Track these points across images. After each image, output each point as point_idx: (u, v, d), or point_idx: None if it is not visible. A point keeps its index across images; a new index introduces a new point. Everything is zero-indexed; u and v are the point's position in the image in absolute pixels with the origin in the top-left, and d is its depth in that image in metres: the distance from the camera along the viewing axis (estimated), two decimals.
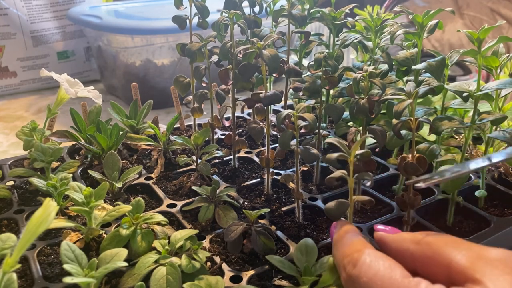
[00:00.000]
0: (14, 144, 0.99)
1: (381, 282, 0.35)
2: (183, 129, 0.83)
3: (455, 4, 1.65)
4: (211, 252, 0.50)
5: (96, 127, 0.67)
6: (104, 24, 1.12)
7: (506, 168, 0.67)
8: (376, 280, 0.35)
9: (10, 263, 0.33)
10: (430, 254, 0.37)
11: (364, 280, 0.36)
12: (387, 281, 0.34)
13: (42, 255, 0.50)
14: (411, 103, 0.47)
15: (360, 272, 0.36)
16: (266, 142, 0.59)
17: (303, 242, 0.46)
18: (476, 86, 0.54)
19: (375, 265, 0.36)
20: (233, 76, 0.60)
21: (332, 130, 0.79)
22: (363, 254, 0.37)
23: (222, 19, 0.61)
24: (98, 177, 0.60)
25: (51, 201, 0.35)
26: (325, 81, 0.58)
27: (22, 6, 1.26)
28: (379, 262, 0.36)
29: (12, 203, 0.60)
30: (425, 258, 0.37)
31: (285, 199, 0.61)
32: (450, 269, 0.35)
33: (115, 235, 0.48)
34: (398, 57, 0.61)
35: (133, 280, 0.44)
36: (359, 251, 0.38)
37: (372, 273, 0.36)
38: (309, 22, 0.71)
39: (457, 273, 0.34)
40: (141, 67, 1.13)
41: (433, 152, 0.52)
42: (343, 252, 0.40)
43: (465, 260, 0.34)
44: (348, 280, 0.38)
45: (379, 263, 0.36)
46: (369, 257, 0.37)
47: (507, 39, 0.52)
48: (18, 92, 1.30)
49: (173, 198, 0.61)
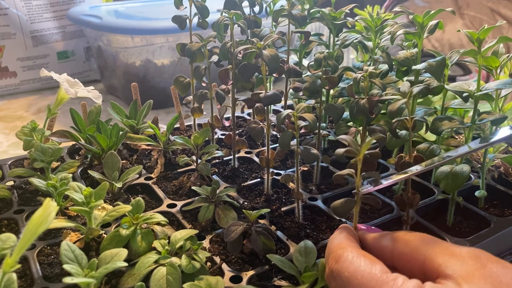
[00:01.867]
0: (14, 144, 0.99)
1: (361, 276, 0.37)
2: (183, 129, 0.83)
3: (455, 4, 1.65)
4: (211, 252, 0.50)
5: (96, 127, 0.67)
6: (104, 24, 1.12)
7: (506, 168, 0.67)
8: (356, 275, 0.37)
9: (10, 263, 0.33)
10: (407, 252, 0.39)
11: (345, 275, 0.38)
12: (366, 276, 0.36)
13: (42, 255, 0.50)
14: (406, 102, 0.47)
15: (342, 268, 0.38)
16: (266, 142, 0.59)
17: (302, 244, 0.47)
18: (476, 86, 0.54)
19: (356, 261, 0.38)
20: (233, 76, 0.60)
21: (332, 130, 0.79)
22: (346, 251, 0.39)
23: (222, 19, 0.61)
24: (98, 177, 0.60)
25: (51, 201, 0.34)
26: (325, 81, 0.58)
27: (22, 6, 1.26)
28: (360, 259, 0.38)
29: (12, 203, 0.59)
30: (402, 255, 0.39)
31: (285, 199, 0.61)
32: (425, 266, 0.37)
33: (115, 235, 0.48)
34: (398, 57, 0.61)
35: (133, 280, 0.44)
36: (343, 248, 0.40)
37: (353, 269, 0.38)
38: (309, 22, 0.71)
39: (431, 270, 0.37)
40: (141, 67, 1.13)
41: (433, 152, 0.52)
42: (329, 248, 0.42)
43: (438, 258, 0.37)
44: (330, 275, 0.40)
45: (360, 259, 0.38)
46: (351, 254, 0.39)
47: (507, 39, 0.52)
48: (18, 92, 1.30)
49: (173, 198, 0.61)
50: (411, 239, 0.40)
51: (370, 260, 0.38)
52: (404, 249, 0.39)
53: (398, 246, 0.40)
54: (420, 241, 0.39)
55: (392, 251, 0.40)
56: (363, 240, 0.44)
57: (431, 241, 0.39)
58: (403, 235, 0.41)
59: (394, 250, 0.40)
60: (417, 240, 0.40)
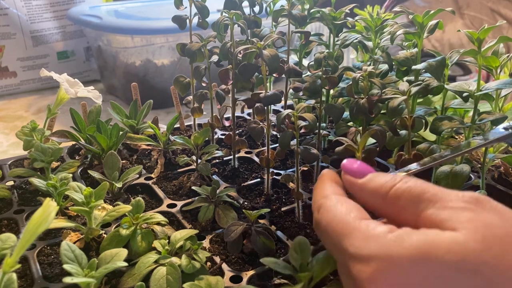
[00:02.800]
0: (14, 144, 0.99)
1: (335, 224, 0.36)
2: (183, 129, 0.83)
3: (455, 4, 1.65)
4: (211, 252, 0.50)
5: (96, 127, 0.67)
6: (104, 24, 1.12)
7: (506, 168, 0.67)
8: (332, 223, 0.37)
9: (10, 263, 0.33)
10: (397, 210, 0.37)
11: (323, 223, 0.37)
12: (340, 224, 0.36)
13: (42, 255, 0.50)
14: (406, 100, 0.47)
15: (321, 217, 0.38)
16: (266, 142, 0.59)
17: (296, 241, 0.46)
18: (476, 86, 0.54)
19: (333, 209, 0.37)
20: (233, 76, 0.60)
21: (332, 130, 0.79)
22: (326, 200, 0.39)
23: (222, 19, 0.61)
24: (98, 177, 0.60)
25: (51, 201, 0.34)
26: (325, 81, 0.58)
27: (22, 6, 1.26)
28: (337, 207, 0.37)
29: (12, 203, 0.59)
30: (393, 212, 0.37)
31: (285, 199, 0.61)
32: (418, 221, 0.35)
33: (115, 235, 0.48)
34: (398, 57, 0.61)
35: (133, 280, 0.44)
36: (324, 197, 0.39)
37: (330, 217, 0.37)
38: (309, 22, 0.70)
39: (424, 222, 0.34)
40: (141, 67, 1.13)
41: (433, 152, 0.52)
42: (313, 198, 0.41)
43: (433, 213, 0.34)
44: (314, 225, 0.40)
45: (337, 207, 0.37)
46: (330, 202, 0.38)
47: (507, 39, 0.52)
48: (18, 92, 1.30)
49: (173, 198, 0.61)
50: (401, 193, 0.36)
51: (347, 207, 0.37)
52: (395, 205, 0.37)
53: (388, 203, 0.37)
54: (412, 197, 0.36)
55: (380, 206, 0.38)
56: (350, 187, 0.41)
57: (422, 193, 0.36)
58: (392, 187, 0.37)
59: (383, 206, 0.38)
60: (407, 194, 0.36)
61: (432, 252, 0.31)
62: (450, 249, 0.31)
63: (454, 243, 0.31)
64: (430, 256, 0.31)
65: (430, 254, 0.31)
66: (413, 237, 0.32)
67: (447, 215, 0.33)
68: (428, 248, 0.31)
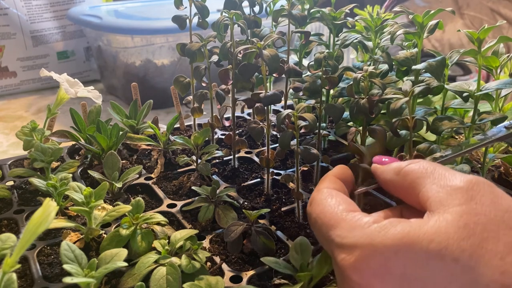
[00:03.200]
0: (14, 144, 0.99)
1: (324, 216, 0.37)
2: (183, 129, 0.83)
3: (455, 4, 1.65)
4: (211, 252, 0.50)
5: (96, 127, 0.67)
6: (104, 24, 1.12)
7: (506, 168, 0.67)
8: (321, 215, 0.37)
9: (10, 263, 0.33)
10: (406, 185, 0.38)
11: (313, 216, 0.38)
12: (328, 216, 0.37)
13: (42, 255, 0.50)
14: (408, 101, 0.47)
15: (312, 210, 0.39)
16: (266, 142, 0.59)
17: (297, 241, 0.46)
18: (476, 86, 0.54)
19: (323, 202, 0.38)
20: (233, 76, 0.60)
21: (332, 130, 0.79)
22: (318, 193, 0.40)
23: (222, 19, 0.61)
24: (98, 177, 0.60)
25: (51, 201, 0.34)
26: (325, 81, 0.58)
27: (22, 6, 1.26)
28: (327, 200, 0.38)
29: (12, 203, 0.59)
30: (402, 188, 0.38)
31: (285, 199, 0.61)
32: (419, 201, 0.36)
33: (115, 235, 0.48)
34: (398, 57, 0.61)
35: (133, 280, 0.44)
36: (317, 191, 0.40)
37: (319, 210, 0.38)
38: (309, 22, 0.70)
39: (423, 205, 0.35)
40: (141, 67, 1.13)
41: (433, 152, 0.52)
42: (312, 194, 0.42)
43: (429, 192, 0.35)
44: (308, 219, 0.40)
45: (327, 200, 0.38)
46: (321, 196, 0.39)
47: (507, 39, 0.52)
48: (18, 92, 1.30)
49: (173, 198, 0.61)
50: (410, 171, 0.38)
51: (337, 200, 0.38)
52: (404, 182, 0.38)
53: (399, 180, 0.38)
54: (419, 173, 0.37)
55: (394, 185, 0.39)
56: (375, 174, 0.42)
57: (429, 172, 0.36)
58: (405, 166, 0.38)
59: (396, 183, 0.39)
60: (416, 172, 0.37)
61: (415, 241, 0.31)
62: (433, 239, 0.31)
63: (437, 234, 0.31)
64: (413, 246, 0.31)
65: (414, 243, 0.31)
66: (397, 227, 0.33)
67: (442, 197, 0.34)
68: (411, 237, 0.32)
